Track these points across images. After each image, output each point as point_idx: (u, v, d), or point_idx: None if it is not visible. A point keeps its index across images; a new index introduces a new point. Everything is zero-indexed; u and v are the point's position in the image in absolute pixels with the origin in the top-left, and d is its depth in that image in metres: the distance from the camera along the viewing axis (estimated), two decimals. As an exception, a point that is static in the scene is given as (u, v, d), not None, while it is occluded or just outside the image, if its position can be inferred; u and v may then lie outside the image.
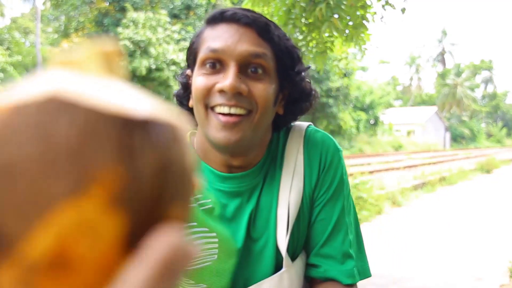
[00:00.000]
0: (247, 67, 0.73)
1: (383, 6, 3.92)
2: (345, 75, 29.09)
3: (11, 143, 0.18)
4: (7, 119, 0.19)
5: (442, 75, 58.50)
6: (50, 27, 28.80)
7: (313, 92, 0.84)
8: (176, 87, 16.91)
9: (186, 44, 19.93)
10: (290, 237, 0.80)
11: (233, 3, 24.31)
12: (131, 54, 18.73)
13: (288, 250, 0.80)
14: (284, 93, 0.81)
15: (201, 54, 0.75)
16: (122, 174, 0.19)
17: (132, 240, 0.19)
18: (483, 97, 65.93)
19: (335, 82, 28.32)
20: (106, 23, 20.61)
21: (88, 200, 0.18)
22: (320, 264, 0.81)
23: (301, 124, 0.87)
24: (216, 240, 0.78)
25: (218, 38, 0.73)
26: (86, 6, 21.62)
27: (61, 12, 23.58)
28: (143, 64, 18.20)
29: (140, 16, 18.84)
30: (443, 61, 63.75)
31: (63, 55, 0.23)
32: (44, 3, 26.57)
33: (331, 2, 3.66)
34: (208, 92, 0.73)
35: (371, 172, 11.98)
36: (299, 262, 0.83)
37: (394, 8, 3.94)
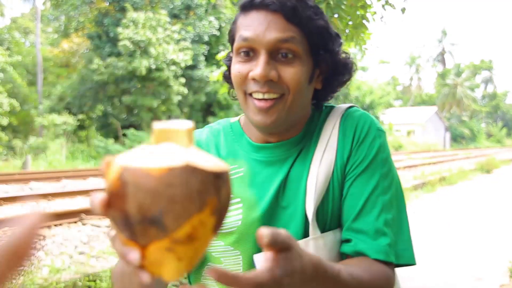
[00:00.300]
0: (277, 53, 0.78)
1: (383, 6, 3.91)
2: (345, 75, 29.09)
3: (172, 186, 0.41)
4: (167, 174, 0.41)
5: (442, 75, 58.48)
6: (50, 27, 28.78)
7: (349, 64, 0.88)
8: (176, 87, 16.87)
9: (186, 44, 19.92)
10: (320, 208, 0.81)
11: (233, 3, 24.22)
12: (131, 54, 18.72)
13: (318, 220, 0.81)
14: (321, 68, 0.84)
15: (236, 43, 0.80)
16: (216, 199, 0.43)
17: (216, 228, 0.45)
18: (483, 97, 65.90)
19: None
20: (106, 23, 20.58)
21: (204, 212, 0.42)
22: (351, 238, 0.79)
23: (344, 105, 0.90)
24: (241, 205, 0.83)
25: (249, 26, 0.78)
26: (86, 6, 21.60)
27: (61, 12, 23.56)
28: (143, 64, 18.18)
29: (140, 16, 18.82)
30: (443, 61, 63.73)
31: (162, 132, 0.46)
32: (44, 3, 26.54)
33: (331, 2, 3.66)
34: (243, 79, 0.80)
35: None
36: (331, 236, 0.82)
37: (394, 8, 3.94)
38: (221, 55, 4.25)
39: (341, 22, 3.73)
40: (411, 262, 0.80)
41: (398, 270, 0.86)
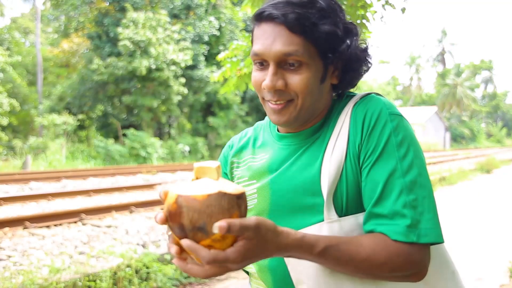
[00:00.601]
0: (285, 63, 0.86)
1: (383, 5, 3.91)
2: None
3: (210, 206, 0.68)
4: (207, 199, 0.67)
5: (442, 75, 58.46)
6: (50, 27, 28.78)
7: (364, 57, 0.92)
8: (176, 87, 16.87)
9: (186, 44, 19.92)
10: (335, 194, 0.86)
11: (233, 3, 24.22)
12: (131, 54, 18.71)
13: (335, 205, 0.86)
14: (335, 65, 0.90)
15: (251, 54, 0.90)
16: (238, 212, 0.70)
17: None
18: (483, 97, 65.88)
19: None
20: (106, 23, 20.58)
21: (220, 237, 0.69)
22: (370, 222, 0.84)
23: (362, 93, 0.94)
24: (256, 186, 0.96)
25: (259, 40, 0.87)
26: (86, 6, 21.59)
27: (61, 12, 23.56)
28: (143, 64, 18.17)
29: (140, 16, 18.81)
30: (443, 61, 63.71)
31: (200, 169, 0.74)
32: (44, 3, 26.55)
33: (331, 2, 3.66)
34: (259, 87, 0.91)
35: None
36: (352, 219, 0.86)
37: (394, 8, 3.94)
38: (221, 55, 4.24)
39: (341, 22, 3.73)
40: (437, 241, 0.81)
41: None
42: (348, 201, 0.86)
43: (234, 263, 0.70)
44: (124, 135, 19.27)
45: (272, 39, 0.85)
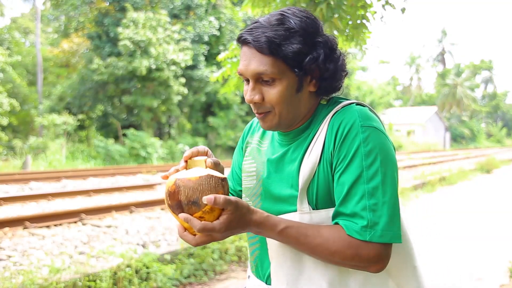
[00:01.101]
0: (261, 79, 1.00)
1: (383, 6, 3.91)
2: (345, 75, 29.06)
3: (202, 185, 0.90)
4: (199, 179, 0.90)
5: (442, 75, 58.44)
6: (50, 27, 28.77)
7: (339, 66, 1.03)
8: (176, 87, 16.85)
9: (186, 44, 19.91)
10: (308, 189, 1.01)
11: (233, 3, 24.19)
12: (131, 54, 18.71)
13: (308, 200, 1.02)
14: (311, 75, 1.02)
15: (237, 72, 1.06)
16: (222, 191, 0.92)
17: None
18: (483, 97, 65.83)
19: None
20: (106, 23, 20.57)
21: (209, 209, 0.90)
22: (335, 218, 0.98)
23: (346, 101, 1.06)
24: (255, 168, 1.15)
25: (241, 60, 1.02)
26: (86, 6, 21.59)
27: (61, 12, 23.56)
28: (143, 64, 18.16)
29: (140, 16, 18.81)
30: (443, 61, 63.67)
31: (192, 162, 1.02)
32: (44, 3, 26.55)
33: (332, 2, 3.65)
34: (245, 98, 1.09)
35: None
36: (323, 213, 1.01)
37: (394, 8, 3.94)
38: (221, 56, 4.24)
39: (341, 22, 3.73)
40: (392, 241, 0.93)
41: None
42: (318, 198, 1.01)
43: (218, 232, 0.89)
44: (124, 135, 19.27)
45: (248, 60, 1.00)
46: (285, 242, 0.97)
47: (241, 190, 1.27)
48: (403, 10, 4.09)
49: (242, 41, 1.01)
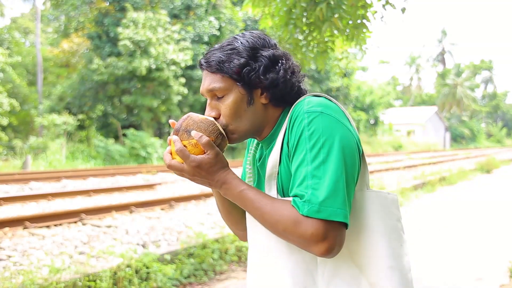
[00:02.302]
0: (215, 96, 1.11)
1: (383, 5, 3.91)
2: (345, 75, 29.06)
3: (202, 124, 1.06)
4: (203, 120, 1.06)
5: (442, 75, 58.42)
6: (50, 27, 28.76)
7: (280, 82, 1.09)
8: (176, 87, 16.85)
9: (186, 44, 19.91)
10: (277, 180, 1.09)
11: (233, 3, 24.15)
12: (131, 54, 18.70)
13: (278, 189, 1.09)
14: (261, 88, 1.10)
15: None
16: (213, 139, 1.04)
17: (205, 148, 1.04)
18: (483, 97, 65.80)
19: (335, 82, 28.29)
20: (106, 23, 20.57)
21: (195, 143, 1.04)
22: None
23: (303, 97, 1.11)
24: (252, 174, 1.23)
25: (201, 84, 1.14)
26: (86, 6, 21.58)
27: (61, 12, 23.54)
28: (143, 64, 18.15)
29: (140, 16, 18.80)
30: (443, 61, 63.65)
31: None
32: (44, 3, 26.54)
33: (332, 2, 3.65)
34: None
35: (371, 172, 11.97)
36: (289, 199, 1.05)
37: (394, 8, 3.94)
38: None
39: (341, 22, 3.73)
40: (333, 219, 0.92)
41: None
42: (284, 188, 1.08)
43: (189, 166, 1.02)
44: (124, 135, 19.27)
45: (204, 81, 1.12)
46: (242, 204, 1.03)
47: None
48: (403, 10, 4.09)
49: (200, 66, 1.14)
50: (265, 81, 1.09)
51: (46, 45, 27.54)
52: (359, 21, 3.77)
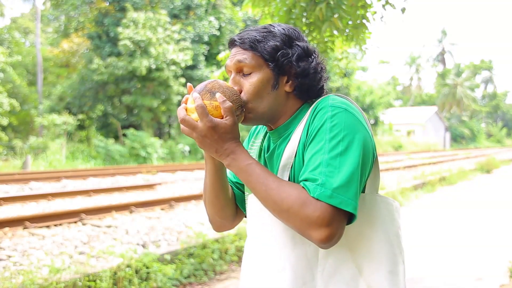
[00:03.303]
0: (241, 72, 1.11)
1: (383, 6, 3.91)
2: (345, 75, 29.07)
3: (227, 90, 1.05)
4: (229, 88, 1.06)
5: (442, 75, 58.41)
6: (50, 27, 28.76)
7: (317, 73, 1.12)
8: (176, 87, 16.87)
9: (186, 44, 19.91)
10: (290, 172, 1.07)
11: (233, 3, 24.14)
12: (131, 54, 18.70)
13: (289, 180, 1.07)
14: (288, 76, 1.11)
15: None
16: (235, 107, 1.05)
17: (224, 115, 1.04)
18: (483, 97, 65.78)
19: (335, 82, 28.30)
20: (106, 23, 20.57)
21: (216, 105, 1.03)
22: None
23: (326, 96, 1.10)
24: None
25: (228, 58, 1.14)
26: (86, 6, 21.59)
27: (61, 12, 23.55)
28: (143, 64, 18.15)
29: (140, 16, 18.80)
30: (443, 61, 63.65)
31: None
32: (44, 3, 26.54)
33: (332, 2, 3.65)
34: None
35: (371, 172, 11.94)
36: None
37: (394, 8, 3.94)
38: (221, 55, 4.24)
39: (341, 22, 3.73)
40: (342, 207, 0.92)
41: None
42: (295, 179, 1.07)
43: (205, 125, 1.00)
44: (124, 135, 19.27)
45: (233, 56, 1.12)
46: (247, 179, 1.01)
47: (242, 185, 1.28)
48: (403, 10, 4.09)
49: (231, 43, 1.15)
50: (297, 69, 1.10)
51: (46, 45, 27.54)
52: (359, 21, 3.78)
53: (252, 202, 1.14)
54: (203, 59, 21.50)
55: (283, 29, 1.12)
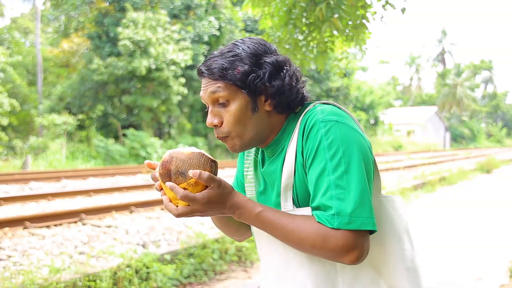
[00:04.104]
0: (218, 103, 1.09)
1: (383, 6, 3.91)
2: (345, 75, 29.06)
3: (191, 159, 0.99)
4: (190, 155, 0.99)
5: (442, 75, 58.41)
6: (50, 27, 28.76)
7: (286, 89, 1.08)
8: (176, 87, 16.85)
9: (186, 44, 19.91)
10: (292, 191, 1.07)
11: (233, 3, 24.10)
12: (131, 54, 18.70)
13: (293, 200, 1.08)
14: (265, 95, 1.09)
15: None
16: (209, 169, 1.00)
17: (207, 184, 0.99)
18: (483, 97, 65.77)
19: (335, 82, 28.29)
20: (106, 23, 20.57)
21: (195, 182, 0.98)
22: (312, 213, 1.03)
23: (311, 105, 1.10)
24: (252, 173, 1.23)
25: (201, 89, 1.12)
26: (86, 6, 21.58)
27: (61, 12, 23.54)
28: (143, 64, 18.15)
29: (140, 16, 18.79)
30: (443, 61, 63.65)
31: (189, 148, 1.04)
32: (44, 3, 26.54)
33: (332, 2, 3.65)
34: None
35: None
36: (306, 210, 1.04)
37: (394, 8, 3.94)
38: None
39: (341, 22, 3.73)
40: (363, 228, 0.93)
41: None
42: (299, 199, 1.07)
43: (199, 204, 0.97)
44: (124, 135, 19.26)
45: (205, 88, 1.09)
46: (261, 226, 1.02)
47: None
48: (403, 10, 4.09)
49: (199, 73, 1.12)
50: (271, 89, 1.07)
51: (46, 45, 27.53)
52: (358, 21, 3.78)
53: (258, 232, 1.14)
54: (203, 59, 21.50)
55: (248, 47, 1.09)
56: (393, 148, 35.77)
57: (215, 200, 0.99)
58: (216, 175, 1.01)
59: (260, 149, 1.21)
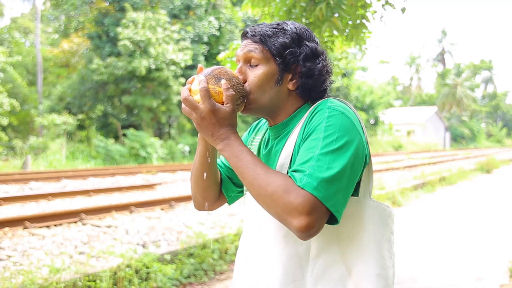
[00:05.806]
0: (249, 63, 1.14)
1: (383, 6, 3.91)
2: (345, 75, 29.05)
3: (233, 79, 1.09)
4: (235, 77, 1.10)
5: (442, 75, 58.40)
6: (50, 27, 28.76)
7: (315, 74, 1.13)
8: (176, 87, 16.83)
9: (186, 44, 19.91)
10: (287, 172, 1.08)
11: (233, 3, 24.11)
12: (131, 54, 18.70)
13: None
14: (293, 73, 1.13)
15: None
16: (236, 96, 1.09)
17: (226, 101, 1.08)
18: (483, 97, 65.77)
19: (335, 82, 28.27)
20: (106, 23, 20.57)
21: (219, 91, 1.07)
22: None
23: (326, 99, 1.13)
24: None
25: (239, 48, 1.18)
26: (86, 6, 21.58)
27: (61, 12, 23.55)
28: (142, 64, 18.15)
29: (140, 16, 18.79)
30: (443, 61, 63.63)
31: None
32: (44, 3, 26.54)
33: (331, 2, 3.65)
34: None
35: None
36: None
37: (394, 8, 3.93)
38: (221, 55, 4.24)
39: (341, 22, 3.73)
40: (326, 203, 0.92)
41: (399, 271, 0.89)
42: None
43: (206, 107, 1.02)
44: (124, 135, 19.26)
45: (244, 46, 1.15)
46: (236, 162, 1.03)
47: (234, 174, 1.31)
48: (403, 10, 4.09)
49: (243, 35, 1.18)
50: (302, 68, 1.12)
51: (46, 45, 27.54)
52: (358, 21, 3.78)
53: (251, 198, 1.16)
54: (202, 59, 21.49)
55: (295, 27, 1.14)
56: (393, 148, 35.77)
57: (219, 117, 1.03)
58: (236, 111, 1.08)
59: (267, 132, 1.25)
